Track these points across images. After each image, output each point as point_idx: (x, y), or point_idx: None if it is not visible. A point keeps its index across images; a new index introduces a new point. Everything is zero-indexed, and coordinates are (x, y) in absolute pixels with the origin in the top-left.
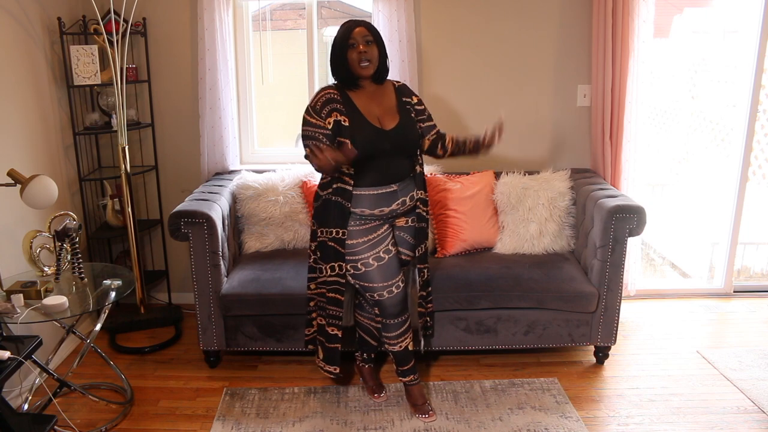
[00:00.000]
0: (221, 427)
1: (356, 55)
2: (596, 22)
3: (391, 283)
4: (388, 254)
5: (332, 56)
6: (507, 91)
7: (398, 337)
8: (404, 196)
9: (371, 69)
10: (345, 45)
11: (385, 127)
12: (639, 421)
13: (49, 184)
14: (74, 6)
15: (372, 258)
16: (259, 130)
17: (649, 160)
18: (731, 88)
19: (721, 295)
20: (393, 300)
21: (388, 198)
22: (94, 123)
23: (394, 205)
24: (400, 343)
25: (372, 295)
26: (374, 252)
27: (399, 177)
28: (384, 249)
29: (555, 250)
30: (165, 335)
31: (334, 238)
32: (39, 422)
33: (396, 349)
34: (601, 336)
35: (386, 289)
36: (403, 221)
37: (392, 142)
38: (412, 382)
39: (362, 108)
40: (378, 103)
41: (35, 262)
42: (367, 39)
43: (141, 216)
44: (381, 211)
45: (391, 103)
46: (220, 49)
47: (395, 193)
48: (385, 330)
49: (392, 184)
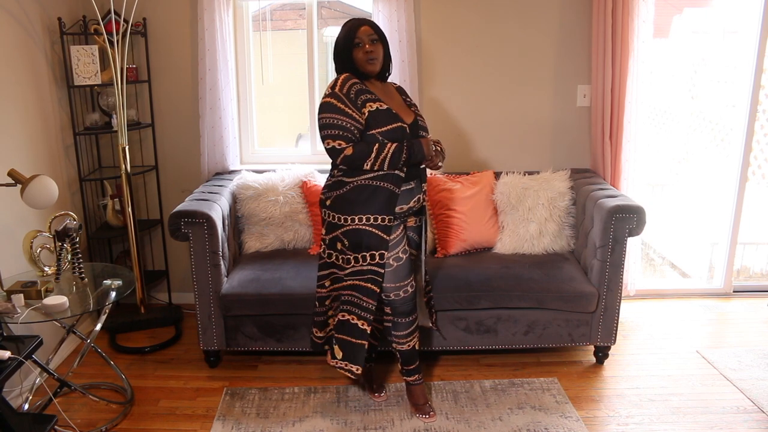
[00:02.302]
0: (221, 427)
1: (363, 55)
2: (596, 22)
3: (405, 283)
4: (405, 254)
5: (336, 55)
6: (507, 91)
7: (407, 336)
8: (419, 193)
9: (378, 66)
10: (350, 44)
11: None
12: (639, 421)
13: (49, 184)
14: (74, 6)
15: (392, 258)
16: (259, 130)
17: (649, 160)
18: (731, 88)
19: (721, 295)
20: (405, 299)
21: (407, 196)
22: (95, 123)
23: (411, 202)
24: (408, 342)
25: (387, 295)
26: (395, 252)
27: (415, 174)
28: (402, 249)
29: (555, 250)
30: (165, 335)
31: (380, 225)
32: (39, 422)
33: (404, 348)
34: (601, 336)
35: (401, 289)
36: (413, 221)
37: (412, 136)
38: (416, 381)
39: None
40: (390, 99)
41: (35, 262)
42: (373, 38)
43: (141, 216)
44: (401, 208)
45: (400, 101)
46: (220, 50)
47: (412, 190)
48: (395, 329)
49: (411, 182)
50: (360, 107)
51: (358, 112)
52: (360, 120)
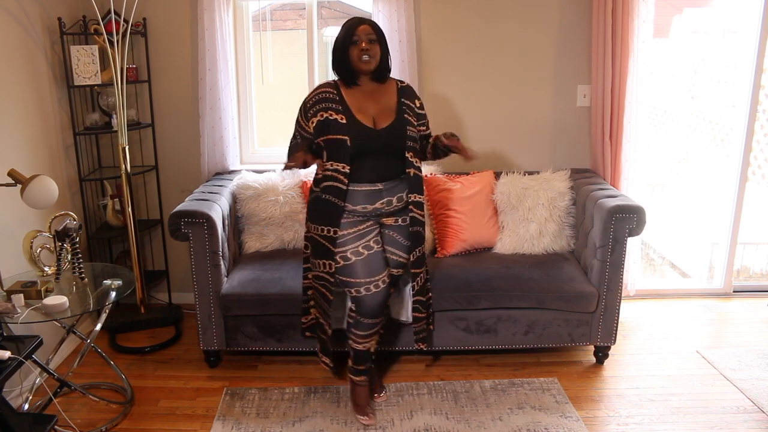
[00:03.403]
0: (221, 427)
1: (358, 52)
2: (596, 22)
3: (371, 280)
4: (368, 250)
5: (334, 51)
6: (507, 91)
7: (366, 337)
8: (390, 195)
9: (372, 64)
10: (348, 41)
11: (378, 126)
12: (639, 421)
13: (49, 184)
14: (74, 6)
15: (350, 252)
16: (259, 130)
17: (649, 160)
18: (731, 88)
19: (721, 295)
20: (373, 299)
21: (373, 196)
22: (95, 123)
23: (378, 203)
24: (365, 343)
25: (350, 290)
26: (353, 246)
27: (387, 176)
28: (364, 245)
29: (555, 250)
30: (165, 335)
31: (325, 236)
32: (39, 422)
33: (359, 348)
34: (601, 336)
35: (364, 286)
36: (392, 220)
37: (383, 142)
38: (361, 383)
39: (356, 106)
40: (375, 102)
41: (35, 262)
42: (371, 37)
43: (141, 216)
44: (364, 208)
45: (390, 103)
46: (220, 50)
47: (380, 192)
48: (356, 327)
49: (378, 183)
50: (310, 117)
51: (307, 122)
52: (307, 129)
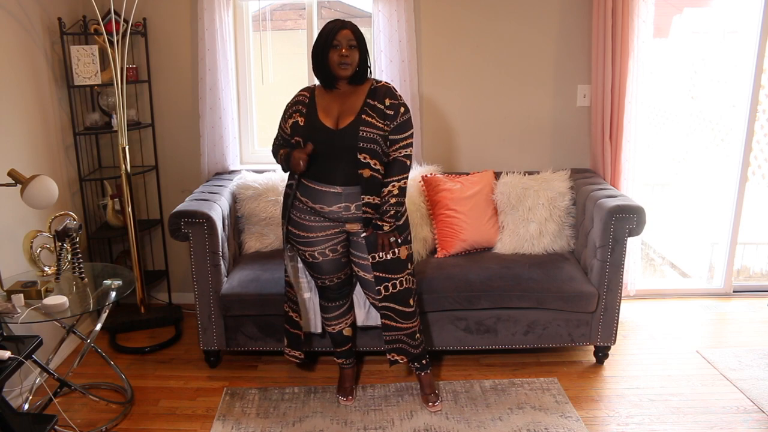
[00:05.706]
0: (221, 427)
1: (337, 57)
2: (596, 22)
3: (332, 277)
4: (323, 256)
5: (314, 53)
6: (507, 91)
7: (334, 319)
8: (349, 201)
9: (349, 71)
10: (328, 45)
11: (339, 126)
12: (639, 421)
13: (49, 184)
14: (74, 6)
15: (318, 252)
16: (259, 130)
17: (649, 160)
18: (731, 89)
19: (721, 295)
20: (333, 287)
21: (330, 198)
22: (95, 123)
23: (335, 206)
24: (334, 325)
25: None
26: (313, 249)
27: (345, 181)
28: (330, 248)
29: (555, 250)
30: (165, 335)
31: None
32: (39, 422)
33: (330, 330)
34: (601, 336)
35: (326, 279)
36: (354, 227)
37: (340, 142)
38: (345, 365)
39: (322, 108)
40: (341, 103)
41: (35, 262)
42: (351, 43)
43: (141, 216)
44: (321, 207)
45: (355, 104)
46: (220, 50)
47: (339, 195)
48: (323, 311)
49: (336, 186)
50: (286, 119)
51: (284, 124)
52: (286, 131)
